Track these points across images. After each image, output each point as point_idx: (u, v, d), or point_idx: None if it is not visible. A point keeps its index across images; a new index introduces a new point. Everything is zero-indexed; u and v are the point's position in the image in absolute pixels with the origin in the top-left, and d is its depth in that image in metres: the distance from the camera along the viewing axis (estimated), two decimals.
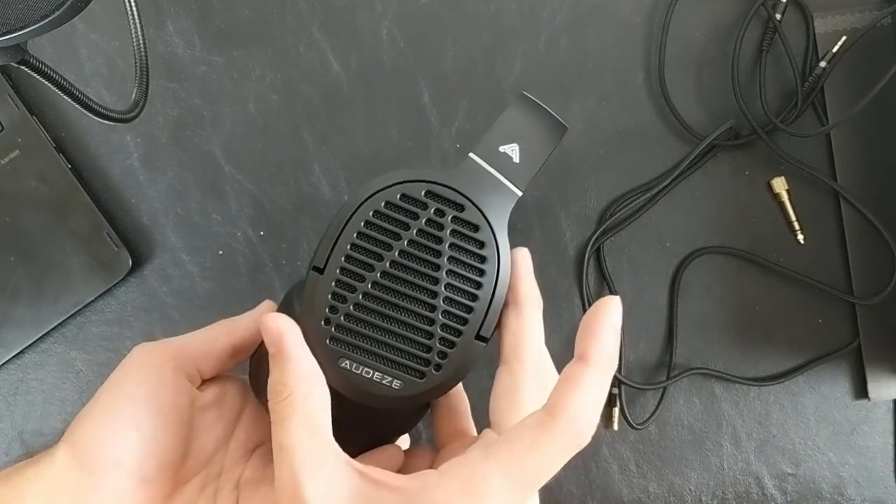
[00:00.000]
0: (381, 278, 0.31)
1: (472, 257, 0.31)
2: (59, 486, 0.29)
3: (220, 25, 0.49)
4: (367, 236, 0.31)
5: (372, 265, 0.31)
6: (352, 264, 0.31)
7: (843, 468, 0.50)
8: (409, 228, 0.31)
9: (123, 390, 0.30)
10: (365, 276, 0.31)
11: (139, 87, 0.42)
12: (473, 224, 0.31)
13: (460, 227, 0.31)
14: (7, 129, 0.47)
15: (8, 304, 0.47)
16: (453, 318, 0.31)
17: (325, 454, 0.27)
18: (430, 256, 0.31)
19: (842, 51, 0.48)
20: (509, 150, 0.33)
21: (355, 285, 0.31)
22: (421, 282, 0.31)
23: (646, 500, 0.50)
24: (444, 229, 0.31)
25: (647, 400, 0.50)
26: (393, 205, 0.31)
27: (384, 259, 0.31)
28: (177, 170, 0.49)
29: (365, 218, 0.31)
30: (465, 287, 0.31)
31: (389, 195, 0.31)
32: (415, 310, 0.31)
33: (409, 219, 0.31)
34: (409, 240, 0.31)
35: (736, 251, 0.50)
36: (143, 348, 0.31)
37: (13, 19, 0.31)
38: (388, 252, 0.31)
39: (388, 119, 0.49)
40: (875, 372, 0.49)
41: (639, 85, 0.50)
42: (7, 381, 0.48)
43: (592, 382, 0.26)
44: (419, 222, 0.31)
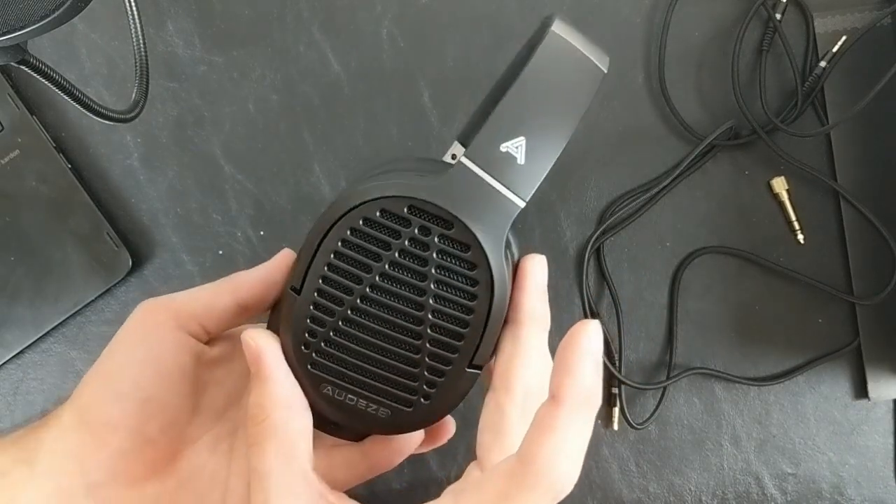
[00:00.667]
0: (361, 303, 0.28)
1: (461, 280, 0.28)
2: (66, 446, 0.29)
3: (220, 25, 0.49)
4: (344, 256, 0.28)
5: (351, 288, 0.28)
6: (329, 286, 0.28)
7: (843, 468, 0.50)
8: (390, 248, 0.27)
9: (123, 351, 0.30)
10: (344, 299, 0.28)
11: (139, 87, 0.42)
12: (463, 243, 0.27)
13: (448, 246, 0.28)
14: (7, 129, 0.47)
15: (8, 304, 0.47)
16: (441, 345, 0.28)
17: (299, 483, 0.26)
18: (414, 279, 0.28)
19: (842, 51, 0.48)
20: (512, 148, 0.27)
21: (334, 309, 0.28)
22: (404, 307, 0.28)
23: (646, 500, 0.50)
24: (430, 249, 0.27)
25: (647, 400, 0.50)
26: (372, 221, 0.27)
27: (363, 282, 0.28)
28: (177, 170, 0.49)
29: (342, 236, 0.28)
30: (453, 312, 0.28)
31: (367, 211, 0.27)
32: (399, 337, 0.28)
33: (390, 237, 0.27)
34: (391, 261, 0.27)
35: (736, 251, 0.50)
36: (144, 306, 0.31)
37: (13, 19, 0.31)
38: (368, 274, 0.28)
39: (388, 119, 0.49)
40: (875, 372, 0.49)
41: (639, 85, 0.50)
42: (7, 381, 0.48)
43: (567, 425, 0.22)
44: (401, 241, 0.27)
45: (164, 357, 0.30)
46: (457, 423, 0.34)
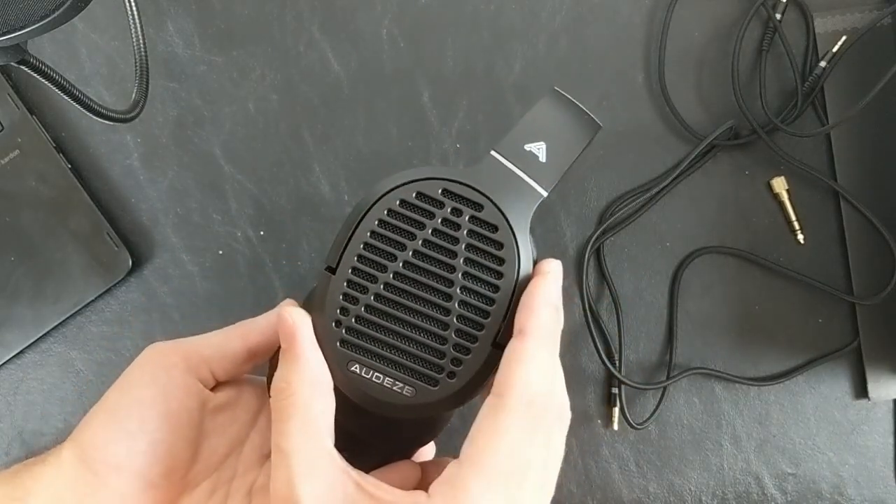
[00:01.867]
0: (394, 279, 0.29)
1: (489, 258, 0.30)
2: (64, 485, 0.29)
3: (220, 25, 0.49)
4: (380, 235, 0.29)
5: (385, 265, 0.29)
6: (364, 264, 0.29)
7: (843, 468, 0.50)
8: (424, 228, 0.29)
9: (131, 391, 0.30)
10: (377, 276, 0.29)
11: (139, 87, 0.42)
12: (492, 224, 0.30)
13: (478, 226, 0.30)
14: (7, 129, 0.47)
15: (8, 304, 0.47)
16: (468, 322, 0.29)
17: (323, 460, 0.27)
18: (445, 257, 0.29)
19: (842, 51, 0.48)
20: (535, 149, 0.31)
21: (367, 286, 0.29)
22: (435, 283, 0.29)
23: (646, 500, 0.50)
24: (461, 229, 0.30)
25: (647, 400, 0.50)
26: (408, 203, 0.30)
27: (397, 259, 0.29)
28: (177, 170, 0.49)
29: (379, 216, 0.29)
30: (481, 290, 0.30)
31: (404, 193, 0.30)
32: (428, 313, 0.29)
33: (424, 217, 0.30)
34: (424, 239, 0.29)
35: (736, 251, 0.50)
36: (154, 348, 0.31)
37: (13, 19, 0.31)
38: (402, 252, 0.29)
39: (388, 119, 0.49)
40: (875, 372, 0.49)
41: (639, 85, 0.50)
42: (7, 381, 0.48)
43: (533, 354, 0.26)
44: (434, 221, 0.29)
45: (172, 400, 0.30)
46: (457, 425, 0.34)
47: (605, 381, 0.50)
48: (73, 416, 0.48)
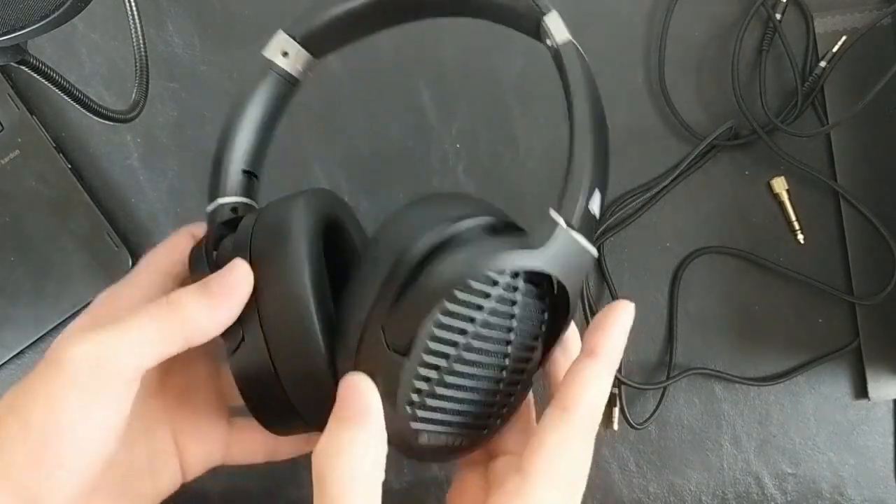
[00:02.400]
0: (464, 352, 0.28)
1: (542, 326, 0.31)
2: None
3: (220, 25, 0.49)
4: (453, 314, 0.27)
5: (456, 342, 0.28)
6: (438, 344, 0.28)
7: (843, 468, 0.50)
8: (489, 297, 0.28)
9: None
10: (450, 354, 0.28)
11: (139, 87, 0.42)
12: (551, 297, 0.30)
13: (536, 299, 0.30)
14: (7, 129, 0.47)
15: (8, 304, 0.47)
16: (518, 372, 0.31)
17: None
18: (506, 321, 0.29)
19: (842, 51, 0.48)
20: (594, 206, 0.29)
21: (440, 365, 0.28)
22: (496, 347, 0.29)
23: (646, 500, 0.50)
24: (519, 300, 0.29)
25: (647, 400, 0.50)
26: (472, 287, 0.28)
27: (467, 333, 0.28)
28: (177, 170, 0.49)
29: (451, 293, 0.27)
30: (531, 355, 0.31)
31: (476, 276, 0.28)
32: (488, 375, 0.30)
33: (491, 288, 0.28)
34: (491, 309, 0.28)
35: (736, 251, 0.50)
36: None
37: (13, 19, 0.31)
38: (472, 325, 0.28)
39: (388, 119, 0.49)
40: (875, 372, 0.49)
41: (639, 85, 0.50)
42: (7, 381, 0.48)
43: (600, 373, 0.28)
44: (498, 290, 0.28)
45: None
46: None
47: None
48: None
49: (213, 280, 0.28)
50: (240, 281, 0.28)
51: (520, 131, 0.49)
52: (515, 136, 0.49)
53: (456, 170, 0.49)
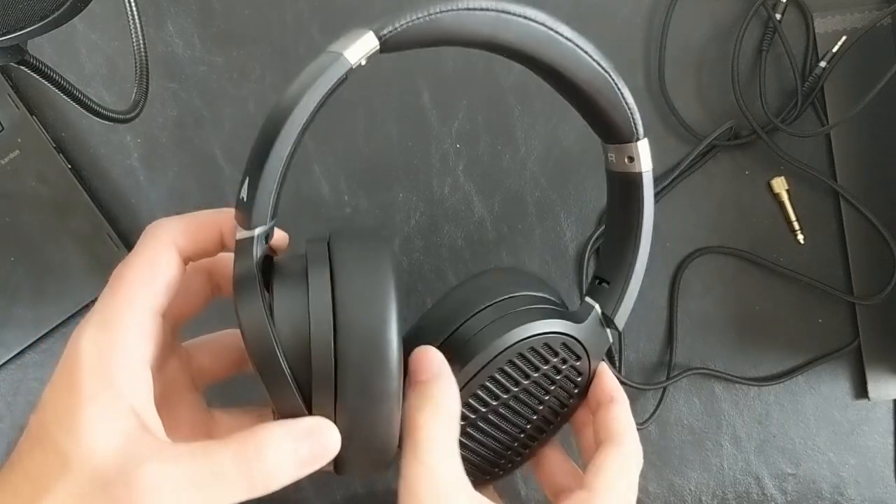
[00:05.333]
0: (500, 407, 0.34)
1: (569, 395, 0.36)
2: None
3: (220, 25, 0.49)
4: (506, 373, 0.33)
5: (498, 395, 0.33)
6: (484, 392, 0.33)
7: (843, 468, 0.50)
8: (537, 371, 0.34)
9: None
10: (489, 403, 0.33)
11: (139, 87, 0.42)
12: (582, 372, 0.35)
13: (572, 372, 0.35)
14: (7, 129, 0.47)
15: (8, 304, 0.47)
16: (531, 440, 0.36)
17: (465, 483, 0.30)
18: (541, 394, 0.35)
19: (842, 51, 0.48)
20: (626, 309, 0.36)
21: (478, 409, 0.33)
22: (527, 411, 0.35)
23: (646, 500, 0.50)
24: (561, 374, 0.35)
25: (647, 400, 0.50)
26: (535, 350, 0.33)
27: (509, 393, 0.34)
28: (177, 170, 0.49)
29: (509, 358, 0.32)
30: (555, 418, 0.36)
31: (535, 342, 0.33)
32: (512, 431, 0.35)
33: (540, 363, 0.34)
34: (534, 380, 0.34)
35: (736, 251, 0.50)
36: None
37: (13, 19, 0.31)
38: (516, 387, 0.34)
39: (388, 119, 0.49)
40: (875, 372, 0.49)
41: (639, 85, 0.50)
42: (7, 381, 0.48)
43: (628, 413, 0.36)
44: (547, 367, 0.34)
45: None
46: None
47: None
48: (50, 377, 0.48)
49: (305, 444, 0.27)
50: (331, 449, 0.28)
51: (520, 131, 0.49)
52: (515, 136, 0.49)
53: (456, 170, 0.49)
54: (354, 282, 0.27)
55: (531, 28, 0.28)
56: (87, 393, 0.25)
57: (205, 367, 0.34)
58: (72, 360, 0.26)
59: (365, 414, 0.27)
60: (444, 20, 0.27)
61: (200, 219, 0.30)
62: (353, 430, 0.27)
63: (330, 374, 0.26)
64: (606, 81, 0.31)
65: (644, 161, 0.33)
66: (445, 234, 0.49)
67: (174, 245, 0.29)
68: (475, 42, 0.28)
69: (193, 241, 0.30)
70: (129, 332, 0.27)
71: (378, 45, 0.27)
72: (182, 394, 0.33)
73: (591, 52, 0.30)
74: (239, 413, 0.34)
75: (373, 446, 0.28)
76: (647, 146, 0.33)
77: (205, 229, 0.30)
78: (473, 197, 0.49)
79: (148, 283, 0.28)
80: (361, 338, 0.26)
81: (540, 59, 0.29)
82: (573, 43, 0.29)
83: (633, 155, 0.33)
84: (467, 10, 0.26)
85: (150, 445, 0.25)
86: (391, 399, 0.27)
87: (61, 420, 0.25)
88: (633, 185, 0.33)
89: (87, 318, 0.27)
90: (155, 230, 0.30)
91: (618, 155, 0.33)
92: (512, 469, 0.37)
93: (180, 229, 0.30)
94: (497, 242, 0.49)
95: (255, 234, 0.26)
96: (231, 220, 0.28)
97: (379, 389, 0.26)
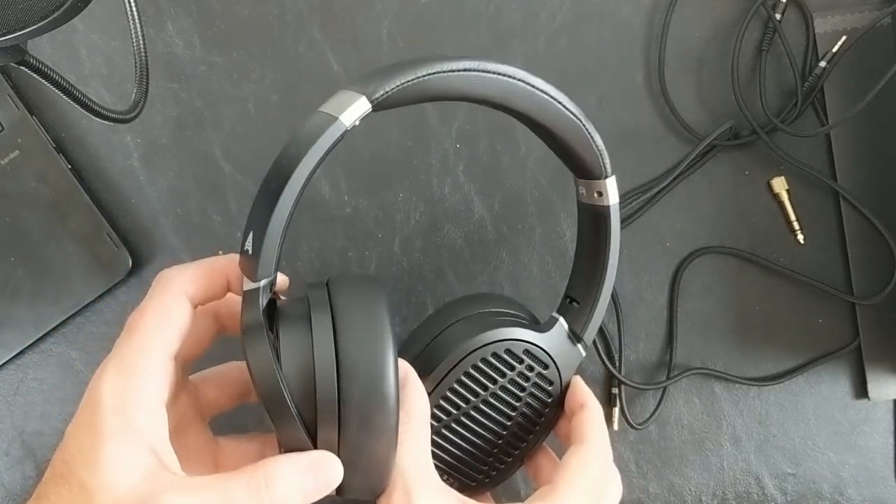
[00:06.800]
0: (471, 409, 0.36)
1: (541, 404, 0.37)
2: None
3: (220, 25, 0.49)
4: (471, 376, 0.36)
5: (468, 399, 0.36)
6: (453, 395, 0.36)
7: (843, 468, 0.50)
8: (504, 376, 0.36)
9: None
10: (460, 406, 0.36)
11: (139, 87, 0.42)
12: (552, 381, 0.37)
13: (541, 381, 0.37)
14: (7, 129, 0.47)
15: (8, 304, 0.47)
16: (511, 446, 0.38)
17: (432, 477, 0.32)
18: (513, 400, 0.36)
19: (842, 51, 0.48)
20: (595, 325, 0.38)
21: (450, 411, 0.36)
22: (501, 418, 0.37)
23: (646, 500, 0.50)
24: (529, 381, 0.37)
25: (647, 400, 0.50)
26: (498, 356, 0.36)
27: (478, 397, 0.36)
28: (177, 170, 0.49)
29: (474, 362, 0.35)
30: (529, 425, 0.38)
31: (498, 348, 0.36)
32: (486, 437, 0.37)
33: (506, 369, 0.36)
34: (501, 385, 0.36)
35: (736, 251, 0.50)
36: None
37: (13, 19, 0.31)
38: (485, 391, 0.36)
39: (388, 119, 0.49)
40: (875, 372, 0.49)
41: (639, 85, 0.50)
42: (7, 381, 0.48)
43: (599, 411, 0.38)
44: (514, 373, 0.36)
45: None
46: None
47: (605, 381, 0.50)
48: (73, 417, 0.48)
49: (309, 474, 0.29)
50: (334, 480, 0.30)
51: (520, 131, 0.49)
52: (515, 136, 0.49)
53: (456, 170, 0.49)
54: (354, 325, 0.30)
55: (508, 84, 0.31)
56: (108, 432, 0.27)
57: (211, 399, 0.36)
58: (94, 402, 0.28)
59: (366, 447, 0.29)
60: (430, 82, 0.30)
61: (208, 266, 0.33)
62: (355, 461, 0.29)
63: (334, 412, 0.29)
64: (578, 127, 0.34)
65: (612, 196, 0.36)
66: (445, 234, 0.49)
67: (184, 293, 0.31)
68: (458, 98, 0.31)
69: (203, 289, 0.32)
70: (146, 375, 0.29)
71: (370, 108, 0.30)
72: (191, 425, 0.35)
73: (563, 101, 0.33)
74: (244, 441, 0.37)
75: (373, 474, 0.30)
76: (614, 183, 0.36)
77: (212, 276, 0.33)
78: (473, 197, 0.49)
79: (162, 330, 0.30)
80: (363, 377, 0.29)
81: (517, 110, 0.32)
82: (547, 94, 0.32)
83: (601, 190, 0.36)
84: (451, 73, 0.30)
85: (168, 479, 0.27)
86: (390, 432, 0.29)
87: (85, 457, 0.27)
88: (602, 217, 0.37)
89: (106, 362, 0.30)
90: (166, 280, 0.32)
91: (588, 189, 0.37)
92: (500, 476, 0.39)
93: (190, 278, 0.32)
94: (497, 242, 0.49)
95: (261, 286, 0.29)
96: (235, 266, 0.31)
97: (379, 425, 0.29)
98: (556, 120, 0.33)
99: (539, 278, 0.49)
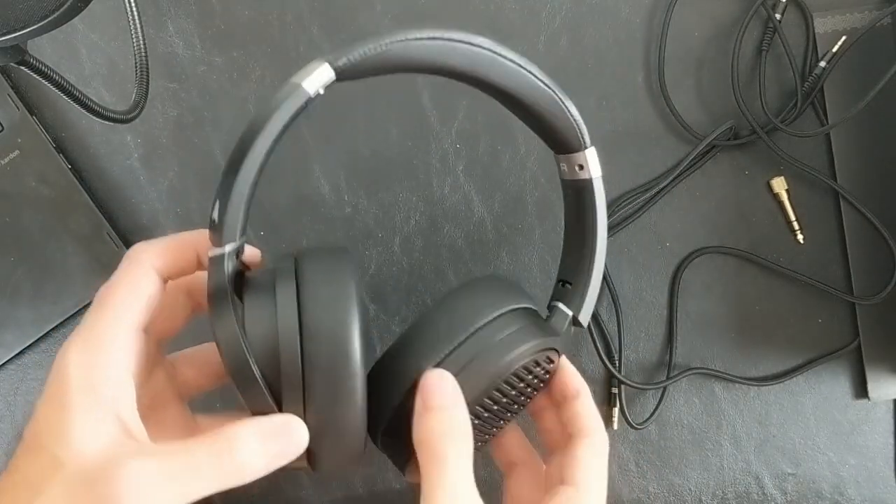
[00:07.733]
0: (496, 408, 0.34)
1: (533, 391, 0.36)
2: None
3: (220, 25, 0.49)
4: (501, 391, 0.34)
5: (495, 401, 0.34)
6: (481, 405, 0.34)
7: (843, 468, 0.50)
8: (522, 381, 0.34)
9: None
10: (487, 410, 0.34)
11: (139, 87, 0.42)
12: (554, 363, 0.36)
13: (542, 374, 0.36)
14: (7, 129, 0.47)
15: (8, 304, 0.47)
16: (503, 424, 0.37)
17: None
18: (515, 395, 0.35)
19: (842, 51, 0.48)
20: None
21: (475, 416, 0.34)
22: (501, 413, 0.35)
23: (646, 500, 0.50)
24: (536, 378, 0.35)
25: (647, 400, 0.50)
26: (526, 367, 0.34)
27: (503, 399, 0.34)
28: (177, 170, 0.49)
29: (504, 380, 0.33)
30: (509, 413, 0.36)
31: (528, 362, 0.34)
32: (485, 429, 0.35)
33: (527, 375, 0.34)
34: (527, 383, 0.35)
35: (736, 251, 0.50)
36: None
37: (13, 19, 0.31)
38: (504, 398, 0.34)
39: (388, 119, 0.49)
40: (875, 372, 0.49)
41: (639, 85, 0.50)
42: (7, 381, 0.48)
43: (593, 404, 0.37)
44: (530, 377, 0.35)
45: None
46: None
47: (605, 381, 0.50)
48: None
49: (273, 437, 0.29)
50: (299, 443, 0.29)
51: (520, 131, 0.49)
52: (515, 135, 0.49)
53: (456, 170, 0.49)
54: (318, 289, 0.29)
55: (477, 53, 0.30)
56: (75, 403, 0.28)
57: (189, 379, 0.36)
58: (60, 375, 0.28)
59: (332, 411, 0.29)
60: (394, 50, 0.28)
61: (177, 240, 0.33)
62: (323, 426, 0.29)
63: (298, 375, 0.28)
64: (550, 97, 0.32)
65: (593, 168, 0.35)
66: (445, 234, 0.49)
67: (153, 266, 0.31)
68: (426, 68, 0.30)
69: (171, 262, 0.32)
70: (112, 347, 0.29)
71: (334, 76, 0.29)
72: (168, 403, 0.35)
73: (535, 70, 0.32)
74: (222, 418, 0.36)
75: (342, 442, 0.30)
76: (594, 154, 0.35)
77: (181, 250, 0.32)
78: (473, 197, 0.49)
79: (128, 302, 0.30)
80: (326, 340, 0.28)
81: (487, 81, 0.31)
82: (516, 63, 0.31)
83: (582, 163, 0.35)
84: (416, 41, 0.28)
85: (133, 446, 0.28)
86: (356, 396, 0.28)
87: (52, 429, 0.28)
88: (586, 191, 0.35)
89: (73, 336, 0.29)
90: (134, 254, 0.32)
91: (569, 164, 0.35)
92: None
93: (158, 251, 0.32)
94: (497, 242, 0.50)
95: (226, 251, 0.29)
96: (206, 240, 0.30)
97: (344, 387, 0.28)
98: (529, 91, 0.32)
99: (539, 278, 0.49)
